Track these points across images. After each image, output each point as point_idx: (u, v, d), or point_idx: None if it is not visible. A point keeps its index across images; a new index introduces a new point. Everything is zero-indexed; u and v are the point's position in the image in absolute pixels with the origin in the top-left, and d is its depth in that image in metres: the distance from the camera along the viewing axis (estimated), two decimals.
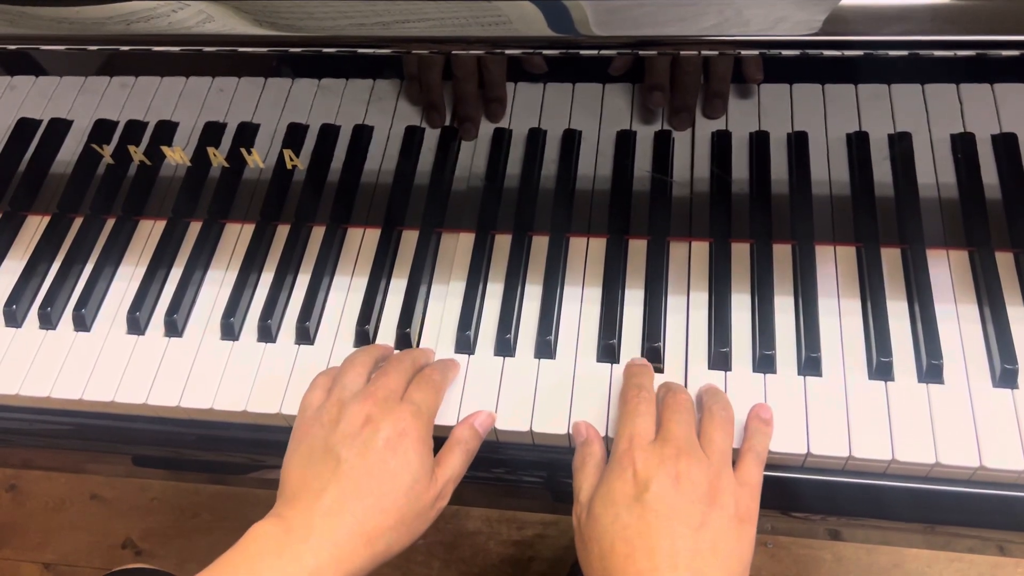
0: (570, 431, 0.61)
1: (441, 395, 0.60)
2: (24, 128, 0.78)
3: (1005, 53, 0.54)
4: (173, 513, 1.43)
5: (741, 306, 0.66)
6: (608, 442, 0.60)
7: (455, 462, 0.58)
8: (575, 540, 0.56)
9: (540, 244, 0.71)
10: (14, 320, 0.72)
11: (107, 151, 0.76)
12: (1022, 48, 0.53)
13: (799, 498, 0.61)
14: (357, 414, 0.56)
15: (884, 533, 0.64)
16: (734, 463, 0.56)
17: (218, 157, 0.74)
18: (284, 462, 0.57)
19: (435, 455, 0.58)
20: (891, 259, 0.66)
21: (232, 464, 0.71)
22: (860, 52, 0.56)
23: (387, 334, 0.68)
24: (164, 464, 0.74)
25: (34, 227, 0.78)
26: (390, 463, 0.54)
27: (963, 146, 0.67)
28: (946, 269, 0.66)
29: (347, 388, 0.58)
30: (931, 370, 0.60)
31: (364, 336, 0.67)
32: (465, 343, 0.66)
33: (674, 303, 0.66)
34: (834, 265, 0.67)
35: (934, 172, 0.68)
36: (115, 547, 1.42)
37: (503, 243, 0.71)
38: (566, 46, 0.58)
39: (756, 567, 1.29)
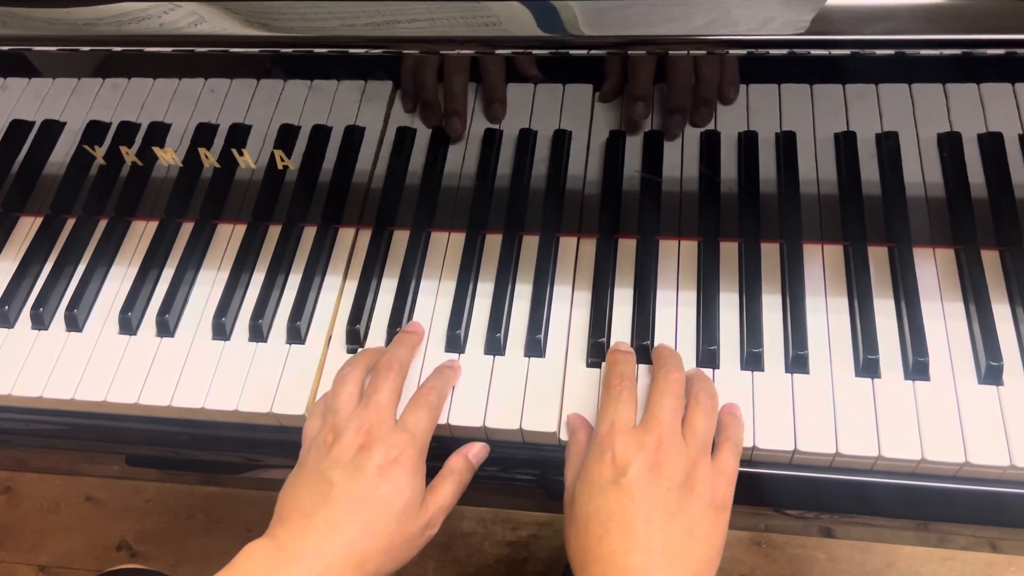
0: (560, 428, 0.62)
1: (437, 415, 0.60)
2: (17, 129, 0.79)
3: (990, 52, 0.54)
4: (168, 515, 1.43)
5: (729, 304, 0.66)
6: None
7: (447, 492, 0.59)
8: (565, 521, 0.57)
9: (530, 243, 0.71)
10: (6, 321, 0.72)
11: (99, 152, 0.76)
12: (1006, 47, 0.53)
13: (787, 495, 0.61)
14: (351, 441, 0.56)
15: (877, 531, 0.65)
16: (712, 450, 0.57)
17: (210, 158, 0.74)
18: (283, 487, 0.58)
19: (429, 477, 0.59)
20: (878, 257, 0.67)
21: (225, 463, 0.71)
22: (847, 51, 0.56)
23: (378, 333, 0.68)
24: (157, 464, 0.74)
25: (27, 228, 0.78)
26: (381, 489, 0.55)
27: (950, 145, 0.68)
28: (932, 267, 0.66)
29: (340, 413, 0.58)
30: (917, 367, 0.61)
31: (355, 335, 0.67)
32: (455, 342, 0.66)
33: (663, 301, 0.67)
34: (822, 263, 0.67)
35: (921, 171, 0.68)
36: (110, 549, 1.42)
37: (494, 242, 0.71)
38: (556, 46, 0.59)
39: (750, 567, 1.30)
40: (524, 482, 0.66)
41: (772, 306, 0.65)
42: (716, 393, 0.59)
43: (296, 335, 0.68)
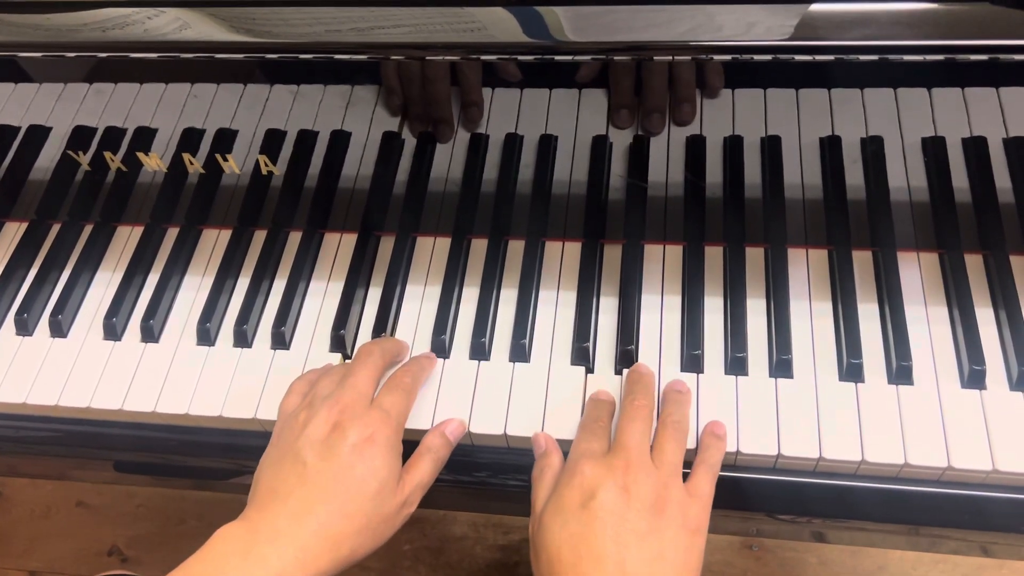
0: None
1: (412, 398, 0.61)
2: (2, 135, 0.78)
3: (972, 57, 0.55)
4: (159, 520, 1.43)
5: (714, 309, 0.66)
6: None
7: (424, 469, 0.59)
8: (530, 552, 0.56)
9: (516, 248, 0.71)
10: None
11: (84, 158, 0.76)
12: (987, 52, 0.53)
13: (771, 499, 0.61)
14: (325, 420, 0.56)
15: (868, 535, 0.65)
16: (687, 475, 0.57)
17: (195, 164, 0.74)
18: (258, 465, 0.58)
19: (406, 460, 0.59)
20: (862, 262, 0.67)
21: (212, 469, 0.71)
22: (830, 57, 0.56)
23: (363, 339, 0.68)
24: (145, 469, 0.74)
25: (12, 233, 0.78)
26: (356, 468, 0.54)
27: (934, 149, 0.68)
28: (916, 271, 0.66)
29: (319, 394, 0.58)
30: (901, 371, 0.61)
31: (340, 341, 0.67)
32: (440, 347, 0.66)
33: (648, 306, 0.67)
34: (806, 268, 0.67)
35: (905, 175, 0.68)
36: (101, 554, 1.42)
37: (479, 247, 0.71)
38: (541, 51, 0.59)
39: (742, 570, 1.30)
40: (515, 487, 0.65)
41: (756, 310, 0.65)
42: (686, 418, 0.59)
43: (281, 341, 0.68)
